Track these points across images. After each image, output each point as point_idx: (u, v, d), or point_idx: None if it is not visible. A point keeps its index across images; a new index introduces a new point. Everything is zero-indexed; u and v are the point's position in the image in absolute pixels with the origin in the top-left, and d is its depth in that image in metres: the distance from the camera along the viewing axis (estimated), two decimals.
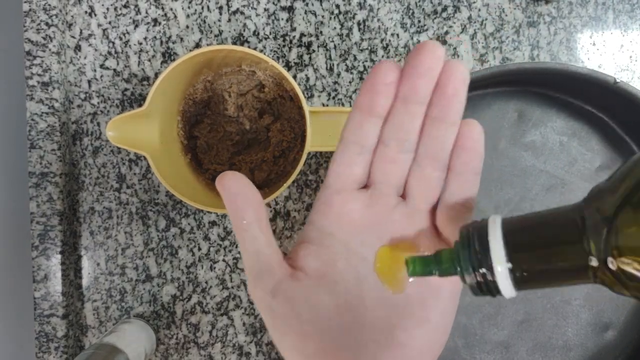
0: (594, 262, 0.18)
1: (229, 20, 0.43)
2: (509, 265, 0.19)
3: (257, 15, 0.43)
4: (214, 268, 0.43)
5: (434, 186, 0.23)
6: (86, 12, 0.42)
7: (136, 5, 0.42)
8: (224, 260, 0.43)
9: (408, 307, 0.23)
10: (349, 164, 0.23)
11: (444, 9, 0.43)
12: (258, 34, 0.43)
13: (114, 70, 0.43)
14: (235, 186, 0.23)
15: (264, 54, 0.39)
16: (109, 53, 0.43)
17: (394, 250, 0.23)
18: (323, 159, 0.43)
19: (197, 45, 0.43)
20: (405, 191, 0.24)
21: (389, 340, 0.22)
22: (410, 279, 0.23)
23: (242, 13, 0.43)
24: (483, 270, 0.20)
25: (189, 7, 0.42)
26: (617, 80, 0.37)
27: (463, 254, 0.20)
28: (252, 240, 0.23)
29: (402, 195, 0.24)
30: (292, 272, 0.23)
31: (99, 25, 0.43)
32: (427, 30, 0.43)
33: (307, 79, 0.43)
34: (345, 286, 0.23)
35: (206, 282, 0.43)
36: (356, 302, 0.22)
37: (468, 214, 0.22)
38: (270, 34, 0.43)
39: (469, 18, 0.43)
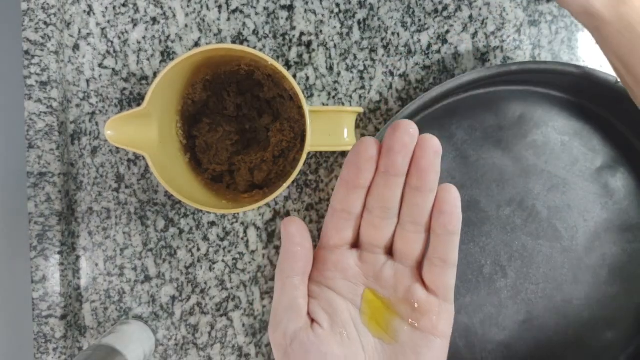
0: None
1: (228, 19, 0.42)
2: None
3: (257, 14, 0.42)
4: (213, 269, 0.43)
5: (418, 246, 0.25)
6: (85, 11, 0.42)
7: (135, 4, 0.42)
8: (223, 261, 0.43)
9: (403, 355, 0.25)
10: (338, 230, 0.26)
11: (445, 8, 0.42)
12: (257, 33, 0.42)
13: (113, 69, 0.43)
14: (299, 237, 0.25)
15: (264, 53, 0.39)
16: (108, 52, 0.42)
17: (378, 302, 0.26)
18: (323, 159, 0.43)
19: (196, 45, 0.43)
20: (393, 250, 0.26)
21: None
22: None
23: (241, 12, 0.42)
24: None
25: (188, 6, 0.42)
26: (618, 80, 0.37)
27: None
28: (292, 289, 0.25)
29: (390, 253, 0.26)
30: (311, 324, 0.25)
31: (98, 24, 0.42)
32: (427, 29, 0.42)
33: (307, 78, 0.43)
34: (348, 337, 0.25)
35: (205, 283, 0.43)
36: (358, 352, 0.25)
37: (451, 269, 0.25)
38: (269, 33, 0.42)
39: (470, 17, 0.43)
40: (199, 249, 0.43)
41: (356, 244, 0.27)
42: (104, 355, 0.36)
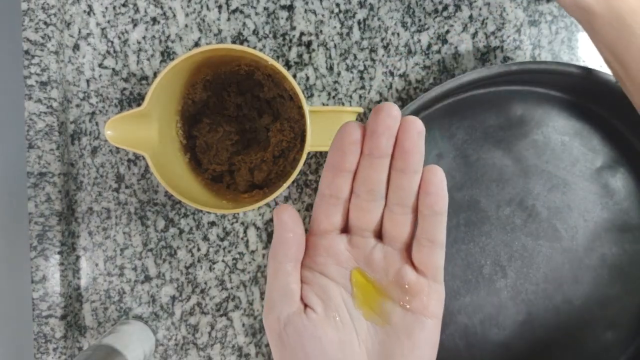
0: None
1: (228, 19, 0.42)
2: None
3: (257, 14, 0.42)
4: (213, 269, 0.43)
5: (406, 227, 0.26)
6: (85, 11, 0.42)
7: (135, 4, 0.42)
8: (223, 261, 0.43)
9: (396, 337, 0.25)
10: (327, 215, 0.26)
11: (445, 8, 0.42)
12: (257, 33, 0.42)
13: (113, 69, 0.43)
14: (291, 223, 0.26)
15: (264, 53, 0.39)
16: (108, 52, 0.42)
17: (369, 285, 0.26)
18: (323, 159, 0.43)
19: (196, 45, 0.43)
20: (382, 233, 0.26)
21: None
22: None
23: (241, 12, 0.42)
24: None
25: (188, 6, 0.42)
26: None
27: None
28: (285, 275, 0.26)
29: (379, 236, 0.27)
30: (305, 309, 0.25)
31: (98, 24, 0.42)
32: (427, 29, 0.42)
33: (307, 78, 0.43)
34: (342, 321, 0.25)
35: (205, 283, 0.43)
36: (352, 336, 0.25)
37: (439, 249, 0.25)
38: (269, 33, 0.42)
39: (470, 17, 0.42)
40: (199, 249, 0.43)
41: (346, 229, 0.27)
42: (104, 355, 0.35)
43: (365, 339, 0.25)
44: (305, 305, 0.26)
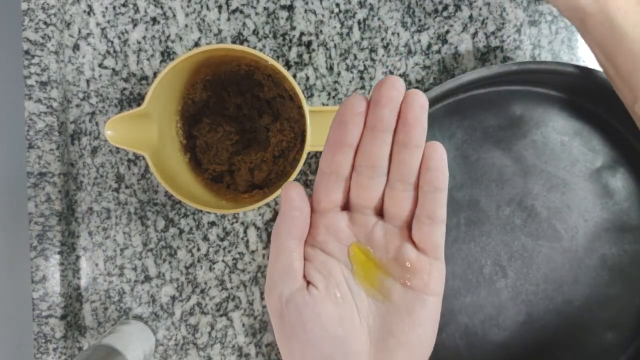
0: None
1: (228, 19, 0.42)
2: None
3: (257, 14, 0.42)
4: (213, 269, 0.43)
5: (407, 205, 0.26)
6: (85, 11, 0.42)
7: (135, 4, 0.42)
8: (223, 261, 0.43)
9: (396, 314, 0.25)
10: (328, 192, 0.26)
11: (445, 8, 0.42)
12: (257, 33, 0.42)
13: (113, 69, 0.43)
14: (299, 201, 0.25)
15: (264, 53, 0.39)
16: (108, 52, 0.42)
17: (370, 262, 0.26)
18: None
19: (196, 45, 0.43)
20: (382, 211, 0.26)
21: (380, 345, 0.25)
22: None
23: (241, 12, 0.42)
24: None
25: (188, 6, 0.42)
26: None
27: None
28: (288, 252, 0.26)
29: (380, 214, 0.27)
30: (307, 286, 0.26)
31: (98, 24, 0.42)
32: (427, 29, 0.42)
33: (307, 78, 0.43)
34: (343, 298, 0.25)
35: (205, 283, 0.43)
36: (352, 312, 0.25)
37: (439, 226, 0.25)
38: (269, 33, 0.42)
39: (470, 17, 0.42)
40: (199, 249, 0.43)
41: (346, 206, 0.27)
42: (104, 355, 0.35)
43: (366, 316, 0.25)
44: (308, 283, 0.26)
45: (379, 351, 0.25)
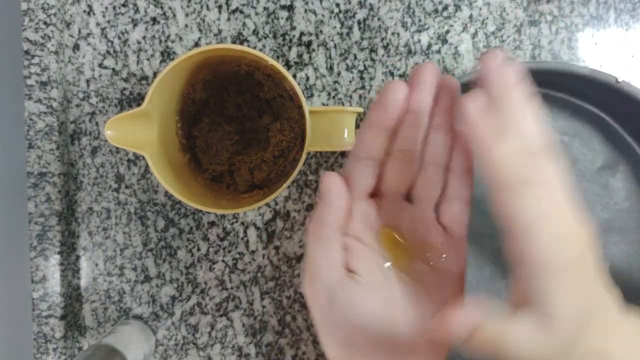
0: None
1: (228, 19, 0.42)
2: None
3: (257, 14, 0.42)
4: (213, 269, 0.43)
5: (437, 188, 0.26)
6: (85, 11, 0.42)
7: (135, 4, 0.42)
8: (223, 261, 0.43)
9: (426, 295, 0.26)
10: (360, 176, 0.27)
11: (445, 8, 0.42)
12: (257, 33, 0.42)
13: (113, 69, 0.43)
14: (341, 191, 0.26)
15: (264, 53, 0.39)
16: (108, 52, 0.42)
17: (397, 247, 0.27)
18: (323, 159, 0.43)
19: (196, 45, 0.43)
20: (412, 195, 0.27)
21: (417, 325, 0.25)
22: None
23: (241, 12, 0.42)
24: None
25: (188, 6, 0.42)
26: (619, 80, 0.37)
27: None
28: (332, 242, 0.26)
29: (408, 198, 0.27)
30: (350, 274, 0.26)
31: (98, 24, 0.42)
32: (427, 29, 0.42)
33: (307, 79, 0.43)
34: (380, 282, 0.26)
35: (205, 283, 0.43)
36: (392, 296, 0.26)
37: (465, 206, 0.27)
38: (269, 33, 0.42)
39: (470, 17, 0.42)
40: (199, 249, 0.43)
41: (375, 193, 0.28)
42: (104, 355, 0.35)
43: (400, 299, 0.26)
44: (348, 270, 0.26)
45: (416, 331, 0.26)
